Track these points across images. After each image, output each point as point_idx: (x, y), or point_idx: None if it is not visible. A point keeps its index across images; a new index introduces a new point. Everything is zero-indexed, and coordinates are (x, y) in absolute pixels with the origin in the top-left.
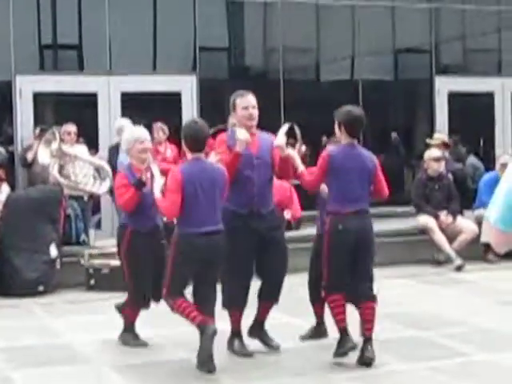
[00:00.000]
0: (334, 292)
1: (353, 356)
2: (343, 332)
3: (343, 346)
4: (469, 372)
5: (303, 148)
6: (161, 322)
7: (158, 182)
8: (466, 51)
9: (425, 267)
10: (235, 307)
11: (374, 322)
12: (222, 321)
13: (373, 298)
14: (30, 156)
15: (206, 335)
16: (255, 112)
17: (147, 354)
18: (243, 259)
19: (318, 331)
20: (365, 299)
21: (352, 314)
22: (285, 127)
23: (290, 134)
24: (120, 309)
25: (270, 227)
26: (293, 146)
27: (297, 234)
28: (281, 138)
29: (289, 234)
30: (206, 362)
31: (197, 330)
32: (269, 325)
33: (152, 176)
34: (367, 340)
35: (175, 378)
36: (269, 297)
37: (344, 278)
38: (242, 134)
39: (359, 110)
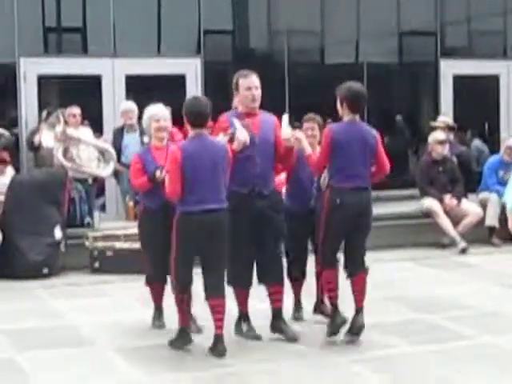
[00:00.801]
0: (327, 267)
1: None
2: (335, 308)
3: (334, 321)
4: (473, 355)
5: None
6: (168, 303)
7: None
8: (471, 34)
9: (429, 250)
10: (239, 286)
11: (364, 293)
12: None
13: (364, 270)
14: (36, 139)
15: (180, 339)
16: (258, 93)
17: (153, 336)
18: (243, 239)
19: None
20: (356, 271)
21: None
22: (286, 118)
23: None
24: None
25: (271, 207)
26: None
27: None
28: (286, 130)
29: None
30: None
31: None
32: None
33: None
34: (358, 310)
35: (180, 361)
36: (275, 278)
37: (337, 252)
38: (241, 135)
39: (360, 86)
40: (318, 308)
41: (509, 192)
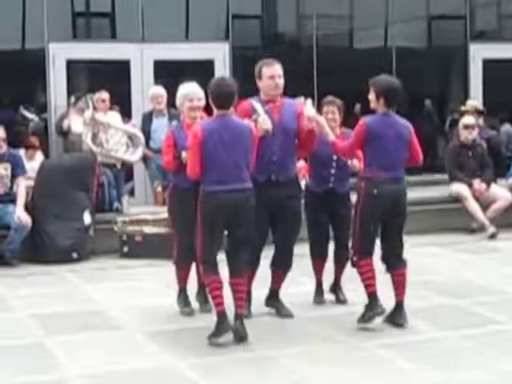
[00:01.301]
0: (364, 257)
1: (380, 323)
2: (372, 297)
3: (371, 310)
4: (502, 340)
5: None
6: (193, 287)
7: None
8: (500, 17)
9: (458, 235)
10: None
11: (404, 287)
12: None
13: (403, 264)
14: (65, 124)
15: (221, 327)
16: (281, 82)
17: (180, 320)
18: (259, 226)
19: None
20: (395, 266)
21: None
22: (310, 101)
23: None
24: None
25: (287, 196)
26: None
27: None
28: (311, 110)
29: None
30: (235, 331)
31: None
32: (294, 293)
33: None
34: (399, 304)
35: (204, 345)
36: (280, 264)
37: (374, 242)
38: (264, 123)
39: (397, 82)
40: (332, 289)
41: None
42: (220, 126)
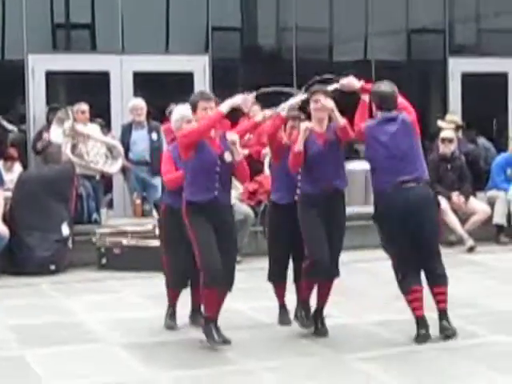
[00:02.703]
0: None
1: (364, 335)
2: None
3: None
4: (480, 353)
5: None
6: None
7: None
8: (479, 31)
9: None
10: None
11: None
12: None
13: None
14: (44, 138)
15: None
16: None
17: (159, 333)
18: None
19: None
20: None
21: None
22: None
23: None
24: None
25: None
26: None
27: None
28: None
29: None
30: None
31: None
32: (276, 306)
33: None
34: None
35: (185, 358)
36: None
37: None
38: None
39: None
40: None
41: None
42: None
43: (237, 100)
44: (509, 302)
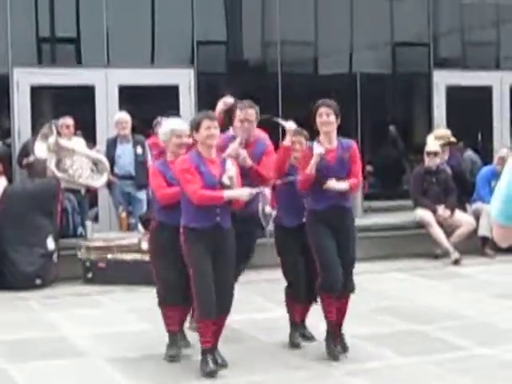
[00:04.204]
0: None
1: (350, 349)
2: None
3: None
4: (466, 366)
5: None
6: (159, 316)
7: None
8: (464, 45)
9: (422, 261)
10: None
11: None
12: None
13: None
14: (30, 149)
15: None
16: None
17: (144, 348)
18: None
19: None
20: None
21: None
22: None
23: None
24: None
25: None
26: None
27: None
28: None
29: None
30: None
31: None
32: (264, 318)
33: None
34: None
35: (170, 373)
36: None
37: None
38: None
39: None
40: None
41: (493, 202)
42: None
43: (242, 193)
44: (494, 315)
